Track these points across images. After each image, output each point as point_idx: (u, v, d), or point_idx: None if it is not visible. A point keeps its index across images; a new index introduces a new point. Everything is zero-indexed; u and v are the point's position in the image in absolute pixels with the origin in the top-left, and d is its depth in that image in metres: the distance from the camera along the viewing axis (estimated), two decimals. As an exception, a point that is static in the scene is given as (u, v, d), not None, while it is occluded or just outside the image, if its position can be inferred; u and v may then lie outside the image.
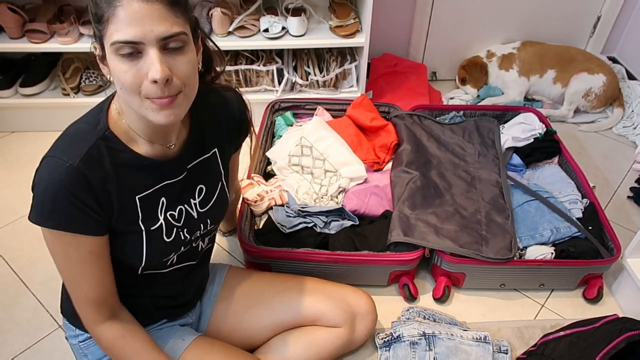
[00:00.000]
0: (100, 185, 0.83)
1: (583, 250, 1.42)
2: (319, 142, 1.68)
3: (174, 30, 0.76)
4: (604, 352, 1.12)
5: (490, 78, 2.28)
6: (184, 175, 0.96)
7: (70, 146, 0.83)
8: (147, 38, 0.74)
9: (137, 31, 0.73)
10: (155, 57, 0.75)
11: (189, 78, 0.81)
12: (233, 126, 1.07)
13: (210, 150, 1.02)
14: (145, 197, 0.90)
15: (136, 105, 0.80)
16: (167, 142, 0.92)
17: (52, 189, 0.80)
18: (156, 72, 0.75)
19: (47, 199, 0.81)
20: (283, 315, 1.18)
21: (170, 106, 0.79)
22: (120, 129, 0.87)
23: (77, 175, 0.80)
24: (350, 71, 2.05)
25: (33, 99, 1.99)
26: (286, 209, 1.51)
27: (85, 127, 0.86)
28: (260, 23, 1.94)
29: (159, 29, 0.74)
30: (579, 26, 2.34)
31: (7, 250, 1.59)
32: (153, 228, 0.92)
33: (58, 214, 0.81)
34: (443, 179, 1.64)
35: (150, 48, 0.75)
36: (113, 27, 0.74)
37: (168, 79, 0.77)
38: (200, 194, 1.00)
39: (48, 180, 0.81)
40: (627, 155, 2.01)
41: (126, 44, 0.74)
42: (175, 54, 0.78)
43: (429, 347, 1.25)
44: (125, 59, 0.75)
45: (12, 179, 1.86)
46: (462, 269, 1.42)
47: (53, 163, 0.81)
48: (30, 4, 2.00)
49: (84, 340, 1.04)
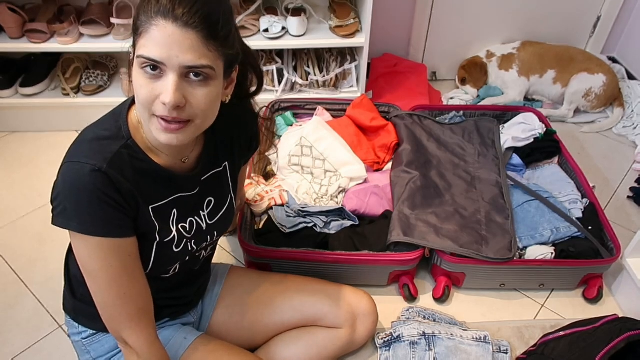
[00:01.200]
0: (125, 190, 0.83)
1: (583, 250, 1.42)
2: (319, 142, 1.68)
3: (201, 62, 0.76)
4: (604, 352, 1.12)
5: (490, 78, 2.28)
6: (196, 192, 0.97)
7: (93, 151, 0.82)
8: (170, 62, 0.74)
9: (163, 53, 0.74)
10: (172, 82, 0.75)
11: (204, 111, 0.80)
12: (245, 142, 1.08)
13: (221, 164, 1.03)
14: (159, 208, 0.91)
15: (146, 120, 0.81)
16: (181, 156, 0.93)
17: (83, 193, 0.79)
18: (167, 97, 0.75)
19: (77, 203, 0.79)
20: (284, 316, 1.18)
21: (175, 131, 0.80)
22: (141, 139, 0.87)
23: (105, 178, 0.80)
24: (350, 71, 2.05)
25: (33, 99, 1.99)
26: (286, 209, 1.51)
27: (107, 134, 0.85)
28: (260, 23, 1.94)
29: (185, 57, 0.74)
30: (579, 26, 2.34)
31: (7, 250, 1.59)
32: (167, 240, 0.93)
33: (90, 217, 0.79)
34: (443, 179, 1.64)
35: (171, 72, 0.75)
36: (143, 41, 0.75)
37: (179, 106, 0.77)
38: (209, 206, 1.01)
39: (76, 184, 0.79)
40: (627, 155, 2.01)
41: (148, 61, 0.75)
42: (196, 84, 0.78)
43: (429, 347, 1.25)
44: (145, 75, 0.76)
45: (12, 179, 1.86)
46: (462, 269, 1.42)
47: (79, 168, 0.79)
48: (30, 4, 2.00)
49: (87, 337, 1.04)
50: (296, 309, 1.18)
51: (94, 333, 1.04)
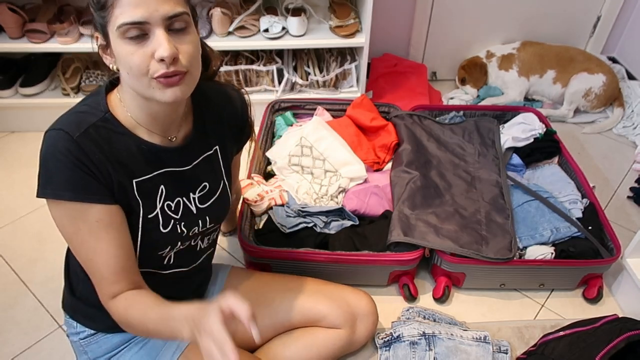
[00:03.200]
0: (98, 160, 0.84)
1: (583, 250, 1.42)
2: (319, 142, 1.68)
3: (178, 9, 0.78)
4: (604, 352, 1.12)
5: (489, 78, 2.28)
6: (189, 169, 0.97)
7: (69, 122, 0.84)
8: (152, 18, 0.76)
9: (143, 12, 0.75)
10: (162, 36, 0.77)
11: (194, 58, 0.83)
12: (236, 125, 1.07)
13: (212, 147, 1.02)
14: (143, 182, 0.90)
15: (144, 87, 0.81)
16: (168, 134, 0.93)
17: (53, 157, 0.81)
18: (164, 50, 0.76)
19: (50, 169, 0.82)
20: (284, 316, 1.18)
21: (177, 84, 0.81)
22: (121, 115, 0.88)
23: (76, 145, 0.81)
24: (350, 71, 2.05)
25: (33, 99, 1.99)
26: (286, 209, 1.51)
27: (86, 108, 0.87)
28: (260, 23, 1.94)
29: (164, 8, 0.76)
30: (579, 26, 2.35)
31: (7, 250, 1.59)
32: (150, 216, 0.92)
33: (61, 182, 0.81)
34: (443, 179, 1.64)
35: (157, 28, 0.77)
36: (118, 10, 0.76)
37: (175, 58, 0.78)
38: (202, 190, 1.00)
39: (49, 150, 0.82)
40: (627, 155, 2.01)
41: (132, 25, 0.76)
42: (180, 34, 0.80)
43: (429, 347, 1.25)
44: (131, 42, 0.77)
45: (12, 179, 1.86)
46: (462, 269, 1.42)
47: (54, 134, 0.82)
48: (30, 4, 2.00)
49: (85, 338, 1.04)
50: (296, 310, 1.18)
51: (93, 333, 1.04)
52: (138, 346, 1.04)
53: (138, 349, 1.04)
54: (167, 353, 1.03)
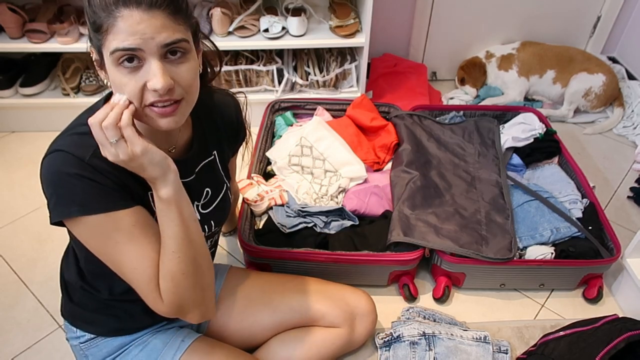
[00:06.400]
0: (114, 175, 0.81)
1: (583, 250, 1.42)
2: (319, 142, 1.68)
3: (176, 36, 0.75)
4: (604, 352, 1.12)
5: (489, 78, 2.28)
6: (193, 178, 0.97)
7: (75, 144, 0.81)
8: (147, 46, 0.73)
9: (137, 40, 0.72)
10: (157, 67, 0.74)
11: (191, 86, 0.80)
12: (231, 131, 1.08)
13: (211, 153, 1.03)
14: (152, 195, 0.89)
15: (138, 113, 0.79)
16: (168, 145, 0.92)
17: (69, 177, 0.78)
18: (157, 83, 0.74)
19: (69, 188, 0.78)
20: (283, 316, 1.18)
21: (172, 113, 0.79)
22: None
23: (89, 166, 0.79)
24: (350, 71, 2.05)
25: (33, 99, 1.99)
26: (286, 209, 1.51)
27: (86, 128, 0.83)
28: (260, 23, 1.94)
29: (160, 36, 0.73)
30: (579, 26, 2.34)
31: (7, 250, 1.59)
32: None
33: (84, 199, 0.78)
34: (443, 179, 1.64)
35: (151, 57, 0.74)
36: (112, 36, 0.73)
37: (170, 88, 0.76)
38: (206, 197, 1.01)
39: (63, 170, 0.78)
40: (627, 155, 2.01)
41: (126, 52, 0.73)
42: (177, 62, 0.77)
43: (429, 347, 1.25)
44: (124, 70, 0.75)
45: (12, 179, 1.86)
46: (462, 269, 1.42)
47: (63, 155, 0.79)
48: (30, 4, 2.00)
49: (85, 342, 1.04)
50: (295, 309, 1.18)
51: (92, 337, 1.03)
52: (138, 349, 1.04)
53: (138, 352, 1.04)
54: (168, 354, 1.03)
